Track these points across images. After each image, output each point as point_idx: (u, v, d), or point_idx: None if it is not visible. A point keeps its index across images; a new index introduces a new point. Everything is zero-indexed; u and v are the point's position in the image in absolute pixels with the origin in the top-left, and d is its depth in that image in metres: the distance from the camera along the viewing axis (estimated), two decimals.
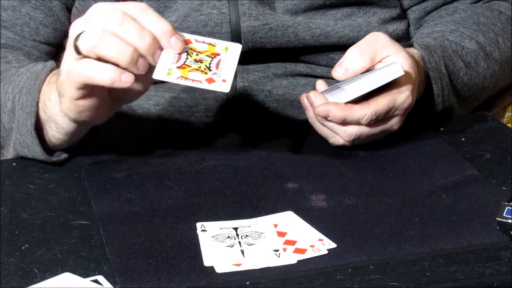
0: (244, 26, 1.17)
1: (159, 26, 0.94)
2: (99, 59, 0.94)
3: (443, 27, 1.23)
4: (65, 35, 1.21)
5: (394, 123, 1.06)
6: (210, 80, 0.89)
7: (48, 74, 1.06)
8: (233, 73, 0.91)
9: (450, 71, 1.17)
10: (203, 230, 0.91)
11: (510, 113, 1.36)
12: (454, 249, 0.87)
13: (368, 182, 1.00)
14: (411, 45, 1.15)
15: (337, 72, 1.03)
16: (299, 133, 1.12)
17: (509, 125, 1.22)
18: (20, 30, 1.20)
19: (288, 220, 0.93)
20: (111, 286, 0.82)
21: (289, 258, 0.86)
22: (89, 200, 0.97)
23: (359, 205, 0.96)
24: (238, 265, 0.85)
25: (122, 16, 0.93)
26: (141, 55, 0.93)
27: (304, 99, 1.05)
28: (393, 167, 1.04)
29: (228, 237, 0.89)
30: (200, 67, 0.90)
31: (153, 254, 0.87)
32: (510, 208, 0.89)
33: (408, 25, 1.29)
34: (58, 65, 1.05)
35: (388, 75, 1.01)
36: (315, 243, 0.88)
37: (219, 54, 0.93)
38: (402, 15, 1.27)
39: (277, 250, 0.87)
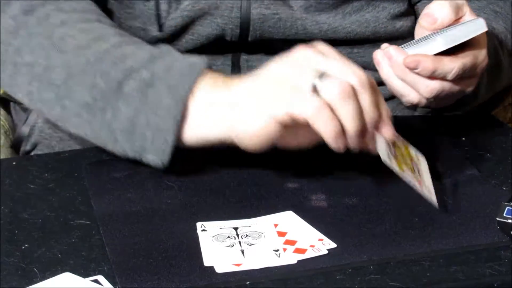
0: (254, 13, 1.18)
1: (375, 111, 0.93)
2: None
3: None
4: None
5: (471, 83, 1.04)
6: (420, 183, 0.90)
7: (205, 68, 0.98)
8: (433, 189, 0.92)
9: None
10: (203, 230, 0.91)
11: (510, 113, 1.36)
12: (454, 249, 0.87)
13: (368, 182, 1.00)
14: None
15: (425, 21, 1.00)
16: None
17: (509, 124, 1.22)
18: None
19: (288, 220, 0.93)
20: (111, 286, 0.82)
21: (289, 258, 0.86)
22: (89, 199, 0.97)
23: (359, 205, 0.96)
24: (238, 265, 0.85)
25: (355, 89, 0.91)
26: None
27: (378, 54, 1.03)
28: None
29: (228, 237, 0.89)
30: (408, 165, 0.91)
31: (153, 254, 0.87)
32: (510, 208, 0.89)
33: (415, 21, 1.28)
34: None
35: (474, 31, 0.99)
36: (315, 243, 0.88)
37: (412, 160, 0.94)
38: (410, 11, 1.27)
39: (277, 250, 0.87)
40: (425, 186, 0.91)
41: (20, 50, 1.02)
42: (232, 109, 0.95)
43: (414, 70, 1.00)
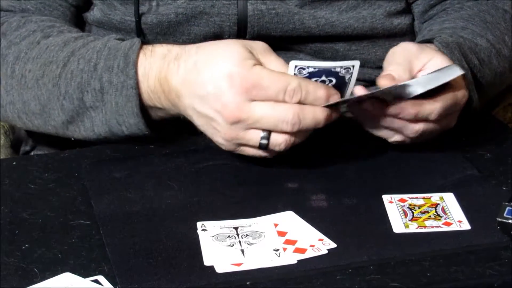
0: (251, 8, 1.18)
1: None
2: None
3: (452, 23, 1.22)
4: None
5: (453, 119, 1.06)
6: (447, 224, 0.91)
7: (138, 55, 1.07)
8: (463, 214, 0.93)
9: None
10: (203, 230, 0.90)
11: (510, 113, 1.36)
12: (454, 249, 0.87)
13: (368, 182, 1.00)
14: (429, 41, 1.14)
15: (384, 81, 1.02)
16: None
17: (509, 125, 1.22)
18: None
19: (288, 220, 0.92)
20: (111, 286, 0.82)
21: (289, 257, 0.86)
22: (89, 199, 0.97)
23: (359, 205, 0.96)
24: (238, 264, 0.85)
25: (293, 119, 0.97)
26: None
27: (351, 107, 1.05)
28: (393, 167, 1.04)
29: (228, 236, 0.89)
30: (430, 216, 0.93)
31: (153, 254, 0.87)
32: (511, 208, 0.89)
33: (413, 20, 1.29)
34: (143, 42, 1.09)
35: (449, 75, 1.02)
36: (315, 243, 0.88)
37: (438, 204, 0.95)
38: (407, 9, 1.27)
39: (277, 250, 0.87)
40: (454, 218, 0.93)
41: None
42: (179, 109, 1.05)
43: (397, 116, 1.02)
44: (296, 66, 0.98)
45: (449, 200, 0.96)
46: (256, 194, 0.98)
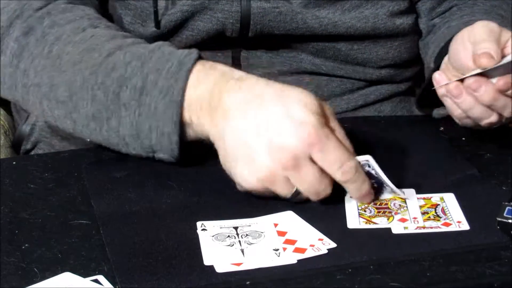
0: (254, 6, 1.18)
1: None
2: None
3: (472, 17, 1.21)
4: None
5: None
6: (446, 224, 0.91)
7: (194, 65, 1.00)
8: (462, 215, 0.93)
9: None
10: (203, 229, 0.91)
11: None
12: (454, 249, 0.87)
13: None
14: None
15: (484, 60, 1.01)
16: None
17: (509, 125, 1.22)
18: None
19: (288, 220, 0.92)
20: (111, 286, 0.82)
21: (289, 257, 0.86)
22: (89, 199, 0.97)
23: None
24: (238, 264, 0.85)
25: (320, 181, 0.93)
26: None
27: (455, 89, 1.04)
28: (393, 167, 1.04)
29: (228, 236, 0.89)
30: (430, 217, 0.92)
31: (153, 253, 0.87)
32: (511, 208, 0.89)
33: (416, 19, 1.28)
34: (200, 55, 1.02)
35: None
36: (315, 242, 0.88)
37: (438, 205, 0.95)
38: (410, 9, 1.27)
39: (277, 250, 0.87)
40: (453, 218, 0.93)
41: (26, 71, 1.07)
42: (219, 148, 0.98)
43: (505, 92, 1.01)
44: None
45: (450, 200, 0.96)
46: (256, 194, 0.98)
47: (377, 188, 0.96)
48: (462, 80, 1.04)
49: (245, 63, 1.22)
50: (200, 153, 1.04)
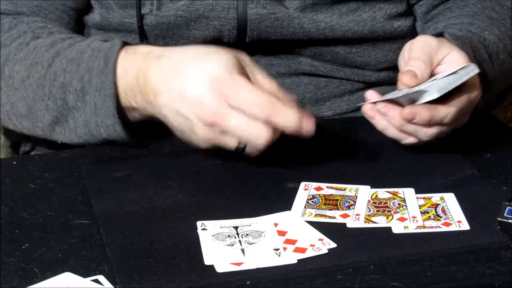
0: (251, 13, 1.18)
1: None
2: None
3: (457, 20, 1.22)
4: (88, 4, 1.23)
5: (466, 117, 1.07)
6: (447, 224, 0.91)
7: (118, 55, 1.07)
8: (463, 215, 0.93)
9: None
10: (203, 229, 0.91)
11: (510, 113, 1.36)
12: (455, 249, 0.87)
13: (368, 181, 1.00)
14: (441, 35, 1.13)
15: (406, 77, 1.02)
16: None
17: (509, 125, 1.22)
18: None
19: (288, 220, 0.93)
20: (111, 286, 0.82)
21: (289, 257, 0.86)
22: (89, 199, 0.97)
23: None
24: (238, 264, 0.85)
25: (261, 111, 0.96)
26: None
27: (368, 110, 1.05)
28: (393, 167, 1.04)
29: (229, 236, 0.89)
30: (430, 216, 0.93)
31: (153, 253, 0.87)
32: (511, 208, 0.89)
33: (414, 21, 1.28)
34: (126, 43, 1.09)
35: (465, 74, 1.01)
36: (315, 242, 0.88)
37: (439, 204, 0.95)
38: (408, 11, 1.27)
39: (277, 249, 0.87)
40: (453, 218, 0.93)
41: None
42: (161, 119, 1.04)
43: (411, 121, 1.02)
44: None
45: (450, 200, 0.96)
46: (256, 194, 0.98)
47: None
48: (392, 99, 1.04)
49: None
50: (199, 153, 1.04)
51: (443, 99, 1.01)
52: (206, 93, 0.97)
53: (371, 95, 1.06)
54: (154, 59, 1.04)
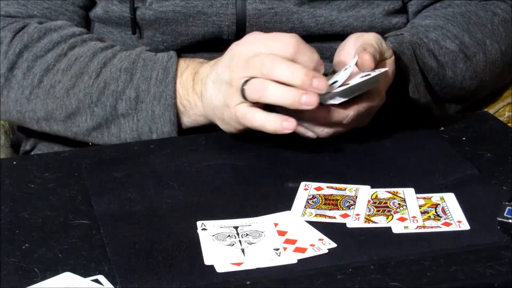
0: (249, 8, 1.18)
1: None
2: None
3: (431, 21, 1.24)
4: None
5: (366, 120, 1.09)
6: (447, 224, 0.91)
7: (177, 67, 1.13)
8: (463, 215, 0.93)
9: (421, 69, 1.18)
10: (204, 229, 0.91)
11: (510, 113, 1.36)
12: (455, 249, 0.87)
13: (368, 181, 1.00)
14: (385, 39, 1.16)
15: (366, 56, 1.04)
16: None
17: (509, 124, 1.22)
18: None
19: (288, 220, 0.92)
20: (112, 286, 0.82)
21: (290, 257, 0.86)
22: (89, 199, 0.97)
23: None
24: (238, 264, 0.85)
25: (274, 60, 1.01)
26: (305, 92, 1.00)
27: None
28: (393, 167, 1.04)
29: (229, 236, 0.89)
30: (430, 216, 0.93)
31: (154, 253, 0.87)
32: (511, 208, 0.89)
33: (407, 19, 1.29)
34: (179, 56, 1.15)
35: (371, 83, 1.04)
36: (315, 242, 0.88)
37: (439, 204, 0.95)
38: (404, 8, 1.28)
39: (277, 249, 0.87)
40: (453, 218, 0.93)
41: (18, 101, 1.17)
42: (212, 117, 1.11)
43: (310, 121, 1.06)
44: None
45: (450, 200, 0.96)
46: (256, 194, 0.98)
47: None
48: None
49: None
50: (199, 153, 1.04)
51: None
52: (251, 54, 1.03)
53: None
54: (208, 63, 1.11)
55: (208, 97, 1.09)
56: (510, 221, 0.88)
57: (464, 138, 1.11)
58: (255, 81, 1.02)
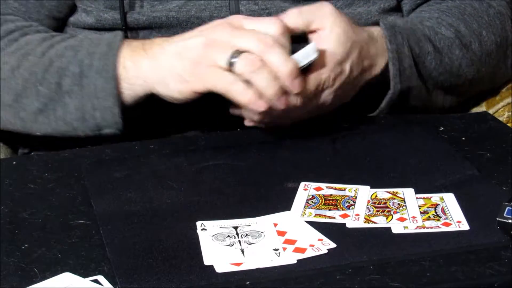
0: (243, 10, 1.18)
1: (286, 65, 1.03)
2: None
3: (426, 14, 1.24)
4: (70, 10, 1.24)
5: (325, 96, 1.10)
6: (446, 224, 0.91)
7: (122, 42, 1.12)
8: (462, 215, 0.93)
9: (416, 54, 1.17)
10: (203, 229, 0.91)
11: (510, 113, 1.36)
12: (454, 249, 0.87)
13: (368, 181, 1.00)
14: (377, 23, 1.17)
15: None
16: (299, 131, 1.12)
17: (509, 124, 1.22)
18: (25, 2, 1.22)
19: (288, 220, 0.92)
20: (111, 286, 0.82)
21: (289, 257, 0.86)
22: (89, 199, 0.97)
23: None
24: (238, 264, 0.85)
25: (272, 45, 1.03)
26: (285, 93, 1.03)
27: None
28: (393, 167, 1.04)
29: (228, 236, 0.89)
30: (429, 216, 0.93)
31: (153, 253, 0.87)
32: (511, 208, 0.89)
33: (402, 17, 1.29)
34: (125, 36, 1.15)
35: (306, 57, 1.06)
36: (314, 242, 0.88)
37: (438, 204, 0.95)
38: (400, 7, 1.28)
39: (277, 249, 0.87)
40: (453, 218, 0.93)
41: None
42: (157, 76, 1.09)
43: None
44: None
45: (449, 200, 0.96)
46: (255, 194, 0.98)
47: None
48: None
49: None
50: (199, 153, 1.04)
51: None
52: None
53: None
54: (160, 38, 1.12)
55: (164, 53, 1.08)
56: (509, 221, 0.88)
57: (464, 138, 1.11)
58: (251, 56, 1.02)
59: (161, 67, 1.08)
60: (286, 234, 0.90)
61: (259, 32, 1.04)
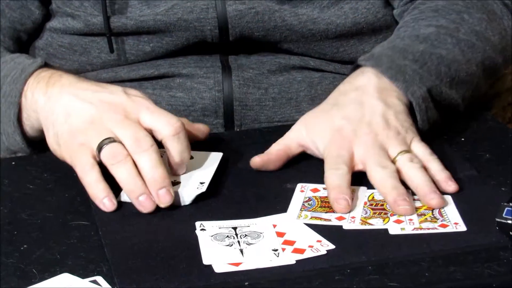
0: (230, 10, 1.18)
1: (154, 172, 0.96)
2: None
3: (402, 30, 1.19)
4: (36, 33, 1.24)
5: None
6: (444, 226, 0.91)
7: (36, 70, 1.09)
8: (459, 216, 0.93)
9: (412, 59, 1.10)
10: (202, 229, 0.91)
11: (509, 113, 1.36)
12: (453, 250, 0.87)
13: (368, 181, 1.00)
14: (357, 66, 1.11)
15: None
16: None
17: (509, 125, 1.22)
18: None
19: (287, 221, 0.92)
20: (110, 287, 0.82)
21: (288, 258, 0.86)
22: (88, 200, 0.97)
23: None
24: (237, 264, 0.85)
25: (145, 145, 0.97)
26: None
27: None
28: None
29: (227, 236, 0.89)
30: (427, 218, 0.92)
31: (152, 254, 0.87)
32: (510, 208, 0.89)
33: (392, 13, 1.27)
34: (47, 65, 1.11)
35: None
36: (313, 243, 0.88)
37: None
38: (388, 2, 1.26)
39: (276, 250, 0.87)
40: (450, 220, 0.92)
41: None
42: (44, 118, 1.05)
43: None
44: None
45: (447, 202, 0.96)
46: (255, 195, 0.98)
47: None
48: None
49: (234, 65, 1.22)
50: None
51: None
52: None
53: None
54: (69, 77, 1.07)
55: (58, 100, 1.04)
56: (508, 221, 0.88)
57: (463, 139, 1.11)
58: (119, 147, 0.96)
59: (50, 112, 1.04)
60: (285, 235, 0.90)
61: (140, 131, 0.98)
